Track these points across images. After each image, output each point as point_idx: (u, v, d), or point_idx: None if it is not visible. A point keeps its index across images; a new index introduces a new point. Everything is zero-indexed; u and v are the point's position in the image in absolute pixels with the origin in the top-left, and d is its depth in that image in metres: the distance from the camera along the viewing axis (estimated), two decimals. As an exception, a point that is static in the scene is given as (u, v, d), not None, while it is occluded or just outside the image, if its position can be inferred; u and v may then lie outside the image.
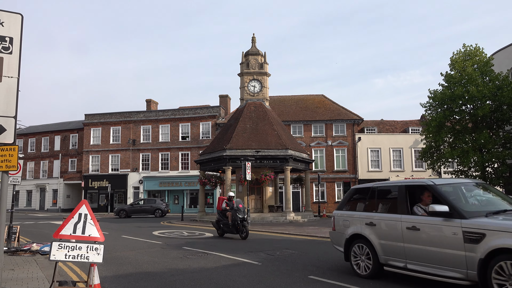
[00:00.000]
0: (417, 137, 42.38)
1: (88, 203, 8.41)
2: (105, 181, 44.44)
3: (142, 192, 43.83)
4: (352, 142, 41.67)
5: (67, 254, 7.64)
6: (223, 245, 13.59)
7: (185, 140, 43.87)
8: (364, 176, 41.21)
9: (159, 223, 25.38)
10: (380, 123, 45.24)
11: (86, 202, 8.39)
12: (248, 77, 27.36)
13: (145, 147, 44.59)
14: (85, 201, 8.43)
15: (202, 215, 26.94)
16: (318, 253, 11.35)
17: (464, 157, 23.14)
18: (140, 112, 45.80)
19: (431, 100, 25.50)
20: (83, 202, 8.30)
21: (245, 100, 27.37)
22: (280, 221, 23.73)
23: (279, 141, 24.91)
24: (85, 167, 45.54)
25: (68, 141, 48.49)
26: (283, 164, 24.75)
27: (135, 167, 44.39)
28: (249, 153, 23.86)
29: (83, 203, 8.29)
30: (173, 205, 43.93)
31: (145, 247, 13.19)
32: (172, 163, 43.78)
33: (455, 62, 24.64)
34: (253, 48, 28.13)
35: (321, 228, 19.52)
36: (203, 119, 43.82)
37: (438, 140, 24.30)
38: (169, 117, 44.65)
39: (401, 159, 41.83)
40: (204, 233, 18.09)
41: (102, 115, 46.39)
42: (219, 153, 24.96)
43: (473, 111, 23.41)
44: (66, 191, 47.99)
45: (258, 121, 25.97)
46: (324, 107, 43.91)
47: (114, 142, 45.47)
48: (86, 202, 8.39)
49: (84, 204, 8.27)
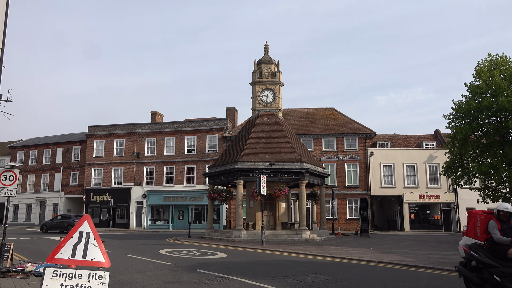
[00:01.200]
0: (432, 152, 40.91)
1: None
2: (107, 195, 42.89)
3: (145, 207, 42.22)
4: (364, 157, 40.13)
5: (64, 284, 6.06)
6: (241, 268, 12.02)
7: (191, 154, 42.42)
8: (376, 193, 39.61)
9: (165, 240, 23.77)
10: (392, 138, 43.76)
11: (89, 218, 6.85)
12: (261, 86, 26.01)
13: (149, 160, 43.13)
14: (88, 216, 6.88)
15: (210, 232, 25.27)
16: (355, 280, 9.76)
17: (494, 172, 21.56)
18: (145, 124, 44.47)
19: (455, 111, 24.05)
20: (85, 218, 6.78)
21: (257, 110, 25.96)
22: (295, 240, 22.08)
23: (294, 153, 23.41)
24: (87, 181, 44.04)
25: (70, 153, 47.10)
26: (298, 178, 23.19)
27: (139, 180, 42.88)
28: (262, 166, 22.35)
29: (85, 219, 6.77)
30: (177, 221, 42.25)
31: (153, 269, 11.64)
32: (177, 177, 42.25)
33: (481, 71, 23.28)
34: (266, 57, 26.84)
35: (344, 248, 17.90)
36: (210, 131, 42.43)
37: (464, 154, 22.75)
38: (174, 130, 43.28)
39: (415, 175, 40.20)
40: (216, 252, 16.48)
41: (106, 127, 45.08)
42: (229, 165, 23.44)
43: (504, 123, 21.92)
44: (67, 205, 46.39)
45: (271, 133, 24.51)
46: (334, 120, 42.52)
47: (118, 154, 44.03)
48: (89, 218, 6.85)
49: (86, 220, 6.75)
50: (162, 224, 42.18)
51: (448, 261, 13.01)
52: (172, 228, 41.49)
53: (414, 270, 11.51)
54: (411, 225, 39.24)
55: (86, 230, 6.56)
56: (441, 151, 40.74)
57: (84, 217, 6.74)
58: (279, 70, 26.51)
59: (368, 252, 16.12)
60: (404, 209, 39.42)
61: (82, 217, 6.72)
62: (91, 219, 6.78)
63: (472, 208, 39.89)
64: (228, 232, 24.00)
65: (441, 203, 39.62)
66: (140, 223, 42.24)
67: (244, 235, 22.36)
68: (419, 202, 39.69)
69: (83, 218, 6.73)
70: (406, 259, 13.42)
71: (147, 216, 42.30)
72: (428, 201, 39.68)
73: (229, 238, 22.34)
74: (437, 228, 39.49)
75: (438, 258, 13.95)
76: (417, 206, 40.05)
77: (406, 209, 39.47)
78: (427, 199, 39.63)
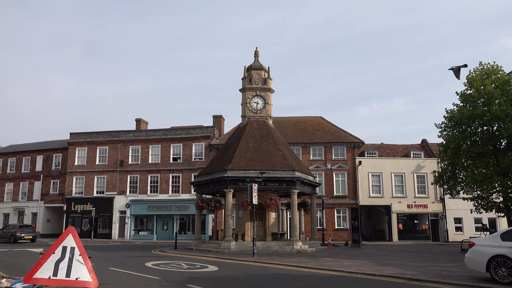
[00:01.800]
0: (419, 162, 40.77)
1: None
2: (89, 204, 41.50)
3: (129, 217, 40.93)
4: (353, 166, 39.75)
5: (43, 309, 5.23)
6: (236, 283, 11.23)
7: (177, 162, 41.41)
8: (365, 202, 39.20)
9: (151, 252, 22.75)
10: (380, 147, 43.56)
11: (74, 230, 6.02)
12: (251, 92, 25.35)
13: (133, 169, 41.95)
14: (72, 229, 6.05)
15: (198, 243, 24.30)
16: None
17: (487, 182, 21.25)
18: (129, 132, 43.33)
19: (447, 120, 23.78)
20: (70, 231, 5.95)
21: (247, 117, 25.26)
22: (287, 251, 21.32)
23: (285, 162, 22.74)
24: (68, 189, 42.56)
25: (51, 161, 45.55)
26: (289, 187, 22.49)
27: (122, 189, 41.62)
28: (253, 175, 21.62)
29: (69, 232, 5.94)
30: (162, 231, 41.07)
31: (140, 284, 10.77)
32: (162, 186, 41.15)
33: (473, 80, 23.08)
34: (256, 63, 26.23)
35: (339, 260, 17.23)
36: (196, 139, 41.54)
37: (457, 163, 22.43)
38: (160, 137, 42.27)
39: (403, 185, 39.97)
40: (206, 265, 15.62)
41: (88, 134, 43.77)
42: (219, 174, 22.62)
43: (497, 132, 21.70)
44: (47, 215, 44.74)
45: (262, 140, 23.82)
46: (322, 129, 42.13)
47: (101, 162, 42.74)
48: (74, 230, 6.02)
49: (70, 233, 5.92)
50: (146, 234, 40.94)
51: (452, 274, 12.46)
52: (156, 238, 40.29)
53: (420, 284, 10.90)
54: (399, 235, 38.88)
55: (70, 245, 5.75)
56: (428, 160, 40.72)
57: (68, 229, 5.92)
58: (269, 76, 25.93)
59: (365, 264, 15.49)
60: (392, 219, 39.08)
61: (66, 229, 5.90)
62: (76, 232, 5.98)
63: (460, 217, 40.09)
64: (216, 243, 23.11)
65: (429, 213, 39.42)
66: (123, 234, 40.90)
67: (233, 246, 21.52)
68: (407, 212, 39.41)
69: (67, 231, 5.90)
70: (407, 272, 12.81)
71: (131, 226, 41.02)
72: (416, 211, 39.44)
73: (218, 250, 21.46)
74: (425, 238, 39.21)
75: (440, 271, 13.39)
76: (405, 216, 39.73)
77: (394, 219, 39.13)
78: (415, 209, 39.39)
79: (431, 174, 40.01)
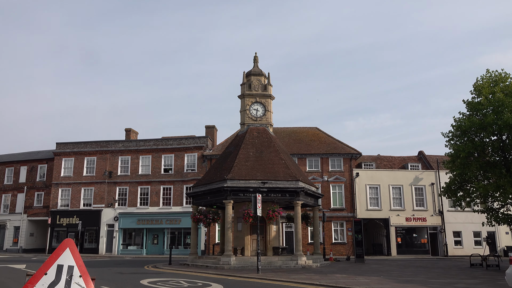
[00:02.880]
0: (417, 174, 39.92)
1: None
2: (75, 217, 39.58)
3: (117, 231, 39.08)
4: (350, 178, 38.71)
5: None
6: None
7: (168, 173, 39.88)
8: (362, 215, 38.03)
9: (143, 268, 21.16)
10: (377, 159, 42.68)
11: (72, 244, 4.65)
12: (250, 99, 24.15)
13: (122, 180, 40.23)
14: (70, 241, 4.68)
15: (194, 258, 22.74)
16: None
17: (500, 193, 20.29)
18: (118, 142, 41.71)
19: (454, 129, 22.89)
20: (67, 244, 4.58)
21: (246, 124, 24.01)
22: (291, 267, 19.91)
23: (288, 171, 21.48)
24: (53, 202, 40.58)
25: (35, 172, 43.54)
26: (292, 198, 21.19)
27: (110, 202, 39.83)
28: (254, 185, 20.30)
29: (66, 246, 4.57)
30: (152, 246, 39.29)
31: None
32: (153, 198, 39.50)
33: (482, 87, 22.29)
34: (256, 68, 25.11)
35: (352, 276, 15.91)
36: (189, 150, 40.11)
37: (468, 173, 21.44)
38: (151, 148, 40.73)
39: (401, 197, 39.03)
40: (209, 283, 14.16)
41: (75, 144, 42.01)
42: (217, 184, 21.24)
43: (507, 141, 20.84)
44: (30, 229, 42.55)
45: (263, 149, 22.55)
46: (318, 140, 41.10)
47: (88, 174, 40.93)
48: (72, 244, 4.65)
49: (68, 247, 4.56)
50: (135, 249, 39.09)
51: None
52: (146, 253, 38.51)
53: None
54: (397, 249, 37.76)
55: (67, 263, 4.39)
56: (426, 173, 39.90)
57: (64, 242, 4.55)
58: (269, 82, 24.81)
59: (383, 281, 14.23)
60: (390, 232, 37.99)
61: (62, 242, 4.54)
62: (75, 245, 4.63)
63: (459, 231, 39.17)
64: (215, 258, 21.58)
65: (427, 226, 38.46)
66: (111, 248, 38.99)
67: (234, 261, 20.04)
68: (406, 225, 38.39)
69: (64, 244, 4.53)
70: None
71: (119, 240, 39.15)
72: (415, 224, 38.45)
73: (217, 265, 19.96)
74: (424, 252, 38.16)
75: (469, 289, 12.23)
76: (403, 229, 38.68)
77: (393, 233, 38.06)
78: (413, 222, 38.40)
79: (430, 186, 39.24)
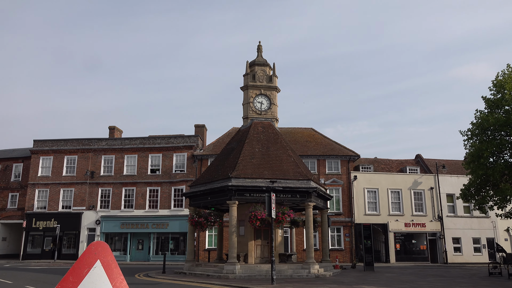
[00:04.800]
0: (416, 177, 38.48)
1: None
2: (53, 220, 36.54)
3: (98, 235, 36.18)
4: (347, 181, 36.93)
5: None
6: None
7: (155, 174, 37.31)
8: (360, 220, 36.22)
9: (134, 277, 18.70)
10: (374, 161, 41.10)
11: (105, 252, 2.33)
12: (254, 91, 22.02)
13: (105, 181, 37.43)
14: (103, 246, 2.34)
15: (191, 266, 20.33)
16: None
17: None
18: (102, 140, 38.93)
19: (475, 127, 21.28)
20: (97, 253, 2.30)
21: (249, 118, 21.84)
22: (303, 276, 17.77)
23: (298, 169, 19.42)
24: (29, 204, 37.44)
25: (10, 171, 40.29)
26: (304, 200, 19.09)
27: (92, 204, 36.97)
28: (262, 184, 18.15)
29: (97, 257, 2.28)
30: (136, 251, 36.56)
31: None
32: (138, 200, 36.82)
33: (504, 82, 20.76)
34: (260, 58, 23.02)
35: (374, 287, 13.89)
36: (178, 149, 37.65)
37: (493, 173, 19.80)
38: (137, 146, 38.10)
39: (400, 202, 37.46)
40: (221, 296, 11.92)
41: (54, 142, 39.03)
42: (220, 182, 18.98)
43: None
44: (3, 233, 39.22)
45: (269, 145, 20.43)
46: (314, 141, 39.27)
47: (68, 174, 37.97)
48: (105, 252, 2.33)
49: (98, 258, 2.29)
50: (118, 255, 36.23)
51: None
52: (130, 259, 35.78)
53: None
54: (396, 256, 36.10)
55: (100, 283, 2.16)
56: (425, 176, 38.48)
57: (93, 248, 2.31)
58: (275, 74, 22.76)
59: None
60: (389, 238, 36.33)
61: (89, 248, 2.28)
62: (111, 254, 2.40)
63: (458, 237, 37.82)
64: (216, 266, 19.22)
65: (427, 232, 36.97)
66: (92, 254, 36.04)
67: (239, 270, 17.78)
68: (405, 231, 36.81)
69: (90, 252, 2.29)
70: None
71: (101, 245, 36.24)
72: (414, 229, 36.90)
73: (220, 275, 17.64)
74: (423, 259, 36.61)
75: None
76: (402, 235, 37.09)
77: (392, 239, 36.41)
78: (412, 228, 36.85)
79: (429, 191, 37.87)
